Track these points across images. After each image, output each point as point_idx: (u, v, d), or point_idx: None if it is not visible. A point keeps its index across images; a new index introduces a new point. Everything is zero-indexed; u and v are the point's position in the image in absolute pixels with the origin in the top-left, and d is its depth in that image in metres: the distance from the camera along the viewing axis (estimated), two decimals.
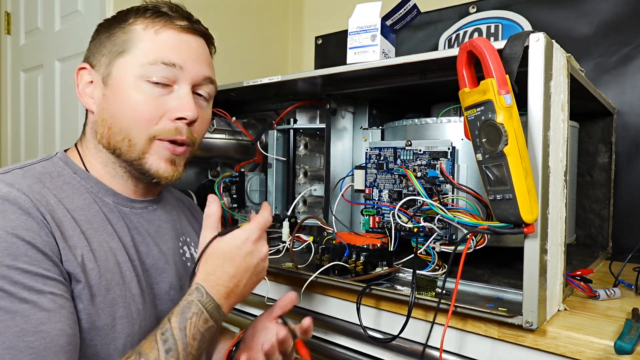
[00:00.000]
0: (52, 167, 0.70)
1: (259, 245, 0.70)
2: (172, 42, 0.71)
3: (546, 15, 1.37)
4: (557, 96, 0.69)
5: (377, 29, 0.89)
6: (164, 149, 0.72)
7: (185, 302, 0.64)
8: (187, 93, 0.72)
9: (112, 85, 0.71)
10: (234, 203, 1.15)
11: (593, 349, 0.62)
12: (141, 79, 0.69)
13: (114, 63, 0.71)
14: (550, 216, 0.68)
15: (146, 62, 0.69)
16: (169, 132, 0.71)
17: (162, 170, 0.72)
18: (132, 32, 0.71)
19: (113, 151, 0.72)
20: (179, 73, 0.71)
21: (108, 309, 0.64)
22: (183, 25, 0.73)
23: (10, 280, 0.54)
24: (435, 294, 0.75)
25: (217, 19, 1.68)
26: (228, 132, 1.21)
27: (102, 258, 0.65)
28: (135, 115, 0.69)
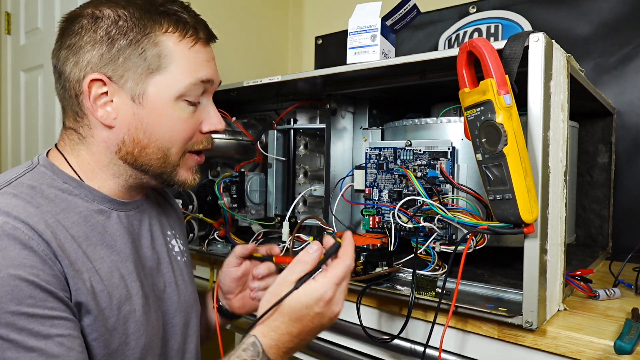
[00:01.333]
0: (40, 178, 0.66)
1: (332, 305, 0.61)
2: (202, 57, 0.70)
3: (546, 15, 1.37)
4: (557, 96, 0.69)
5: (377, 29, 0.89)
6: (192, 160, 0.74)
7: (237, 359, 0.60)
8: (213, 106, 0.74)
9: (150, 105, 0.67)
10: (234, 203, 1.15)
11: (593, 348, 0.62)
12: (181, 98, 0.68)
13: (148, 81, 0.67)
14: (550, 216, 0.68)
15: (189, 83, 0.68)
16: (201, 145, 0.73)
17: (189, 180, 0.74)
18: (164, 47, 0.67)
19: (139, 167, 0.70)
20: (209, 87, 0.72)
21: (121, 328, 0.63)
22: (206, 37, 0.71)
23: (15, 327, 0.52)
24: (435, 294, 0.75)
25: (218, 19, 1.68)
26: (228, 132, 1.21)
27: (107, 276, 0.64)
28: (177, 135, 0.69)
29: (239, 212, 1.16)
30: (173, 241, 0.83)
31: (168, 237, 0.82)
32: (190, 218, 1.16)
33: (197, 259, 1.22)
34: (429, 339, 0.72)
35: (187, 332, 0.80)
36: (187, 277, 0.82)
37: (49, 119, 1.76)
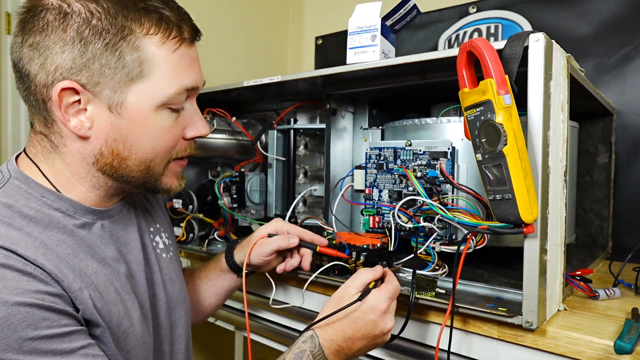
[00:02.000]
0: (15, 195, 0.61)
1: (385, 317, 0.68)
2: (186, 61, 0.65)
3: (546, 15, 1.37)
4: (557, 96, 0.69)
5: (377, 29, 0.89)
6: (177, 167, 0.71)
7: (298, 350, 0.65)
8: (197, 109, 0.70)
9: (129, 115, 0.62)
10: (234, 203, 1.15)
11: (593, 348, 0.62)
12: (163, 107, 0.64)
13: (127, 89, 0.61)
14: (550, 216, 0.68)
15: (173, 92, 0.63)
16: (185, 151, 0.70)
17: (174, 187, 0.71)
18: (145, 50, 0.60)
19: (119, 178, 0.66)
20: (193, 93, 0.69)
21: (122, 343, 0.63)
22: (190, 37, 0.66)
23: (39, 352, 0.52)
24: (435, 294, 0.75)
25: (217, 19, 1.68)
26: (228, 132, 1.21)
27: (105, 292, 0.62)
28: (159, 146, 0.65)
29: (239, 212, 1.16)
30: (157, 237, 0.81)
31: (152, 234, 0.80)
32: (190, 218, 1.16)
33: (197, 259, 1.22)
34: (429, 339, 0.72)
35: (176, 333, 0.79)
36: (173, 274, 0.80)
37: None
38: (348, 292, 0.69)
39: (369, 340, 0.67)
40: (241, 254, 0.90)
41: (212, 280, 0.94)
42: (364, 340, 0.67)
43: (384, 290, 0.69)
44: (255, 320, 1.05)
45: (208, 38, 1.27)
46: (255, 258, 0.87)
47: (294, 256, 0.89)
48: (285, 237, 0.86)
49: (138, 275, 0.71)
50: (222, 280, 0.93)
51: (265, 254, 0.87)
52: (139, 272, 0.71)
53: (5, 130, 2.05)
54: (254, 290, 1.05)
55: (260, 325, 1.04)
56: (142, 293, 0.70)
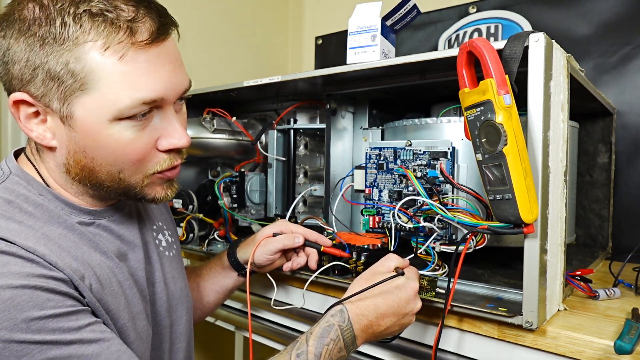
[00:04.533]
0: (15, 190, 0.61)
1: (417, 297, 0.70)
2: (143, 67, 0.57)
3: (546, 15, 1.37)
4: (557, 96, 0.69)
5: (377, 29, 0.89)
6: (162, 179, 0.66)
7: (326, 323, 0.64)
8: (173, 117, 0.63)
9: (81, 128, 0.58)
10: (234, 203, 1.15)
11: (593, 348, 0.62)
12: (118, 119, 0.58)
13: (74, 102, 0.57)
14: (550, 216, 0.68)
15: (123, 106, 0.57)
16: (164, 164, 0.64)
17: (162, 195, 0.67)
18: (88, 60, 0.55)
19: (96, 187, 0.63)
20: (160, 102, 0.61)
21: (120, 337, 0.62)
22: (148, 39, 0.57)
23: (47, 330, 0.52)
24: (435, 294, 0.75)
25: (217, 19, 1.68)
26: (228, 132, 1.21)
27: (106, 283, 0.62)
28: (125, 159, 0.60)
29: (239, 212, 1.16)
30: (160, 235, 0.80)
31: (154, 232, 0.79)
32: (190, 218, 1.16)
33: (197, 259, 1.22)
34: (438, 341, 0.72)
35: (176, 332, 0.78)
36: (176, 272, 0.80)
37: None
38: (380, 271, 0.70)
39: (398, 318, 0.67)
40: (244, 253, 0.91)
41: (213, 278, 0.94)
42: (393, 318, 0.67)
43: (415, 271, 0.72)
44: (256, 320, 1.05)
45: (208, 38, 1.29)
46: (260, 257, 0.88)
47: (299, 255, 0.89)
48: (291, 236, 0.87)
49: (138, 272, 0.70)
50: (222, 278, 0.93)
51: (270, 252, 0.87)
52: (139, 270, 0.71)
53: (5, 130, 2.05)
54: (255, 290, 1.05)
55: (261, 325, 1.04)
56: (142, 290, 0.70)
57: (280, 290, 0.99)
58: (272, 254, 0.87)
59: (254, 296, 1.04)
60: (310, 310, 0.94)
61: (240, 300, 1.09)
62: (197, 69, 1.42)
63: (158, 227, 0.81)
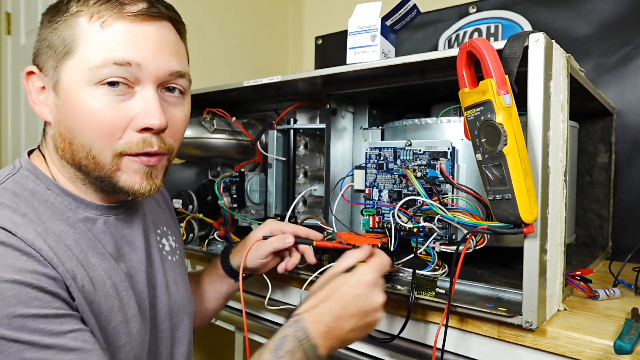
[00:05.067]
0: (23, 183, 0.62)
1: (373, 292, 0.64)
2: (123, 36, 0.59)
3: (546, 15, 1.37)
4: (557, 96, 0.69)
5: (377, 29, 0.89)
6: (135, 164, 0.63)
7: (280, 335, 0.60)
8: (151, 96, 0.61)
9: (63, 94, 0.61)
10: (234, 203, 1.15)
11: (593, 348, 0.62)
12: (93, 83, 0.59)
13: (61, 67, 0.60)
14: (550, 216, 0.68)
15: (95, 65, 0.58)
16: (137, 146, 0.61)
17: (137, 186, 0.64)
18: (76, 27, 0.60)
19: (79, 168, 0.63)
20: (138, 72, 0.60)
21: (110, 340, 0.61)
22: (136, 11, 0.60)
23: (27, 329, 0.51)
24: (435, 294, 0.75)
25: (218, 19, 1.68)
26: (228, 132, 1.21)
27: (100, 285, 0.61)
28: (93, 128, 0.60)
29: (239, 212, 1.16)
30: (164, 240, 0.80)
31: (159, 236, 0.79)
32: (190, 218, 1.15)
33: (197, 259, 1.22)
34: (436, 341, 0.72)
35: (176, 336, 0.77)
36: (178, 277, 0.80)
37: None
38: (335, 272, 0.67)
39: (360, 317, 0.62)
40: (237, 258, 0.90)
41: (210, 285, 0.93)
42: (354, 319, 0.62)
43: (370, 263, 0.66)
44: (256, 320, 1.05)
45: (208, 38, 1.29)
46: (252, 261, 0.87)
47: (293, 255, 0.89)
48: (280, 237, 0.86)
49: (138, 274, 0.70)
50: (219, 285, 0.93)
51: (262, 256, 0.86)
52: (139, 272, 0.70)
53: (5, 130, 2.05)
54: (255, 290, 1.05)
55: (261, 325, 1.04)
56: (141, 293, 0.70)
57: (280, 290, 0.99)
58: (264, 257, 0.86)
59: (254, 296, 1.04)
60: None
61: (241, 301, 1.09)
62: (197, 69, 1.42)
63: (162, 232, 0.81)
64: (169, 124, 0.63)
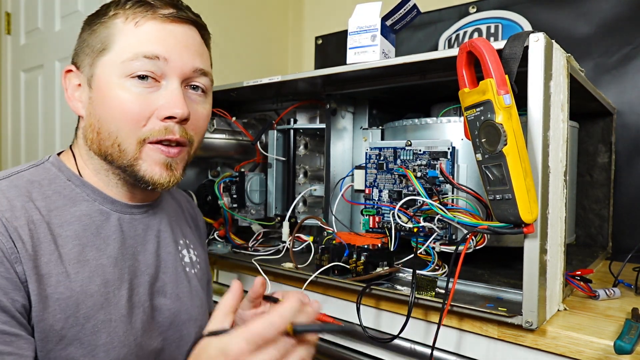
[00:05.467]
0: (43, 173, 0.67)
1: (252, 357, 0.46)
2: (154, 34, 0.66)
3: (546, 15, 1.37)
4: (557, 96, 0.69)
5: (377, 29, 0.89)
6: (156, 152, 0.66)
7: None
8: (175, 88, 0.66)
9: (97, 86, 0.66)
10: (234, 203, 1.15)
11: (593, 348, 0.62)
12: (125, 76, 0.64)
13: (96, 63, 0.67)
14: (550, 216, 0.68)
15: (127, 58, 0.64)
16: (158, 133, 0.65)
17: (157, 176, 0.67)
18: (113, 27, 0.66)
19: (104, 157, 0.67)
20: (165, 66, 0.65)
21: (87, 338, 0.61)
22: (167, 14, 0.66)
23: None
24: (435, 294, 0.75)
25: (218, 18, 1.68)
26: (228, 132, 1.21)
27: (84, 282, 0.62)
28: (121, 117, 0.64)
29: (239, 212, 1.16)
30: (184, 251, 0.81)
31: (180, 245, 0.80)
32: None
33: None
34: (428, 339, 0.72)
35: (181, 345, 0.75)
36: (194, 289, 0.79)
37: (49, 119, 1.76)
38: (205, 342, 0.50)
39: None
40: None
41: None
42: None
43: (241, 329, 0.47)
44: None
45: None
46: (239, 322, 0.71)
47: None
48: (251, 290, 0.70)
49: (143, 276, 0.71)
50: None
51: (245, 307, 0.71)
52: (144, 275, 0.71)
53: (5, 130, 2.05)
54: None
55: None
56: (141, 295, 0.69)
57: (278, 289, 0.99)
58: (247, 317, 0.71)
59: None
60: None
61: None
62: None
63: (185, 244, 0.82)
64: (191, 117, 0.68)
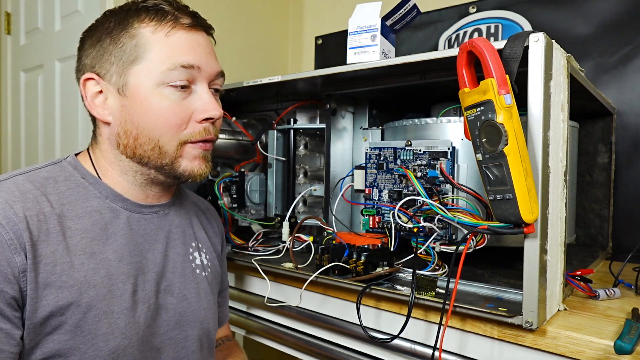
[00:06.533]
0: (59, 171, 0.70)
1: None
2: (185, 43, 0.70)
3: (546, 15, 1.37)
4: (557, 96, 0.69)
5: (377, 29, 0.89)
6: (196, 150, 0.73)
7: None
8: (207, 92, 0.73)
9: (132, 95, 0.69)
10: (234, 203, 1.15)
11: (593, 348, 0.62)
12: (162, 85, 0.69)
13: (128, 72, 0.69)
14: (550, 216, 0.68)
15: (165, 69, 0.69)
16: (199, 135, 0.72)
17: (197, 169, 0.73)
18: (141, 37, 0.69)
19: (139, 160, 0.71)
20: (197, 73, 0.71)
21: (88, 327, 0.62)
22: (189, 23, 0.71)
23: None
24: (435, 294, 0.75)
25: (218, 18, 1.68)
26: (228, 132, 1.21)
27: (88, 273, 0.64)
28: (163, 123, 0.69)
29: (239, 212, 1.16)
30: (196, 253, 0.82)
31: (191, 248, 0.81)
32: None
33: None
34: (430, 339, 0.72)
35: (186, 346, 0.76)
36: (202, 291, 0.80)
37: (49, 119, 1.76)
38: None
39: None
40: None
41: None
42: None
43: None
44: (255, 320, 1.05)
45: None
46: None
47: None
48: None
49: (148, 274, 0.72)
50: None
51: None
52: (150, 272, 0.73)
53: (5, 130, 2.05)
54: (253, 290, 1.05)
55: (260, 325, 1.04)
56: (147, 291, 0.71)
57: (279, 289, 0.99)
58: None
59: (253, 296, 1.04)
60: (308, 310, 0.94)
61: (241, 301, 1.09)
62: None
63: (196, 246, 0.83)
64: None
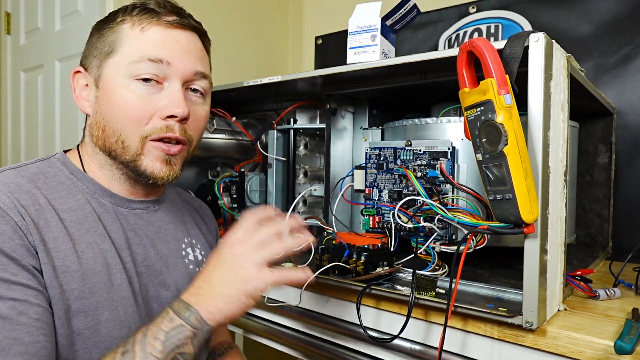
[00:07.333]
0: (48, 167, 0.71)
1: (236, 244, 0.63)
2: (158, 39, 0.70)
3: (546, 15, 1.37)
4: (557, 96, 0.69)
5: (377, 29, 0.89)
6: (157, 150, 0.70)
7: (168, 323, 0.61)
8: (177, 90, 0.70)
9: (103, 86, 0.70)
10: (234, 203, 1.15)
11: (593, 349, 0.62)
12: (129, 77, 0.69)
13: (103, 64, 0.71)
14: (550, 216, 0.68)
15: (132, 61, 0.69)
16: (160, 131, 0.70)
17: (157, 171, 0.71)
18: (120, 32, 0.70)
19: (109, 153, 0.71)
20: (167, 69, 0.70)
21: (91, 312, 0.63)
22: (171, 20, 0.71)
23: None
24: (435, 294, 0.75)
25: (218, 19, 1.68)
26: (228, 132, 1.21)
27: (89, 261, 0.65)
28: (125, 115, 0.69)
29: (239, 212, 1.16)
30: (189, 249, 0.82)
31: (184, 244, 0.82)
32: None
33: None
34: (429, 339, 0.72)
35: None
36: None
37: (49, 119, 1.76)
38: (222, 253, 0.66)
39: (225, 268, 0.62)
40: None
41: None
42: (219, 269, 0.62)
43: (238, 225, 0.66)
44: (254, 320, 1.05)
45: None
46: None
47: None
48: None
49: (139, 267, 0.73)
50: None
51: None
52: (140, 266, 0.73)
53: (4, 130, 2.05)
54: None
55: (260, 325, 1.04)
56: (141, 284, 0.72)
57: (278, 289, 0.99)
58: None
59: None
60: (307, 310, 0.94)
61: None
62: None
63: (190, 242, 0.83)
64: (190, 117, 0.72)
